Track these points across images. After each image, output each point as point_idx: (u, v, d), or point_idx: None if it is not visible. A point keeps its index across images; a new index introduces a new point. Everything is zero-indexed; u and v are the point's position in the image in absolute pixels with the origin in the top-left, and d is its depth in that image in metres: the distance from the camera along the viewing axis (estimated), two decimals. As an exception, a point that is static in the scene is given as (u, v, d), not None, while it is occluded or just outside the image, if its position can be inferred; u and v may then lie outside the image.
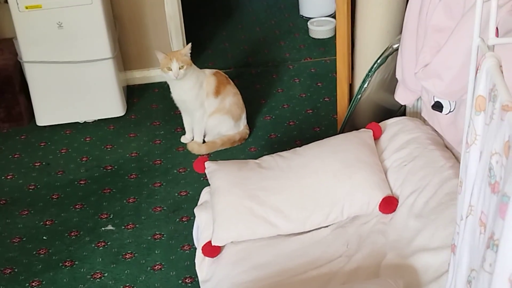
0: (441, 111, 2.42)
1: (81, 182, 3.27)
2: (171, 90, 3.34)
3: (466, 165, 1.03)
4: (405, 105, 2.92)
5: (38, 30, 3.49)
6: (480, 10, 0.98)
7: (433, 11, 2.25)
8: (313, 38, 4.66)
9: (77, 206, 3.09)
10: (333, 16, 4.80)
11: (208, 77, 3.36)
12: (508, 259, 0.85)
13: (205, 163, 2.48)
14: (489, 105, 0.94)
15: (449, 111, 2.39)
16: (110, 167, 3.37)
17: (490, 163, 0.92)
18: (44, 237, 2.90)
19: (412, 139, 2.50)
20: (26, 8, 3.42)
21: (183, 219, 2.95)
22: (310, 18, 4.82)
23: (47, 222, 2.99)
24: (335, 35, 4.49)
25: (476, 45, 0.95)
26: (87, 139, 3.64)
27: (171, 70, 3.12)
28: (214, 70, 3.44)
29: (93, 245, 2.83)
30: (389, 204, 2.28)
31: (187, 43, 3.24)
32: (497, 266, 0.87)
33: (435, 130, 2.55)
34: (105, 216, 3.01)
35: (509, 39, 0.97)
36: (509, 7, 1.92)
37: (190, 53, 3.20)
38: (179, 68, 3.12)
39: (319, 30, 4.65)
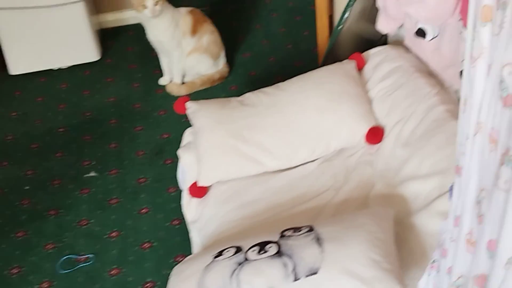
0: (424, 38, 2.37)
1: (60, 130, 3.20)
2: (146, 31, 3.24)
3: (471, 81, 0.98)
4: (386, 34, 2.86)
5: (3, -26, 3.35)
6: None
7: None
8: (289, -29, 4.53)
9: (57, 155, 3.03)
10: None
11: (183, 15, 3.26)
12: None
13: (186, 103, 2.42)
14: (498, 14, 0.88)
15: (433, 37, 2.34)
16: (88, 113, 3.30)
17: (502, 75, 0.87)
18: (26, 187, 2.85)
19: (396, 67, 2.45)
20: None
21: (167, 162, 2.91)
22: (285, -50, 4.67)
23: (28, 172, 2.94)
24: (311, -34, 4.43)
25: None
26: (63, 86, 3.55)
27: (146, 7, 3.01)
28: (190, 8, 3.34)
29: (77, 193, 2.79)
30: (375, 134, 2.25)
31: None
32: None
33: (419, 58, 2.50)
34: (87, 163, 2.96)
35: None
36: None
37: (163, -8, 3.09)
38: (155, 4, 3.01)
39: (294, -38, 4.51)
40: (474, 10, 0.98)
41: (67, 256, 2.50)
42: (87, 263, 2.46)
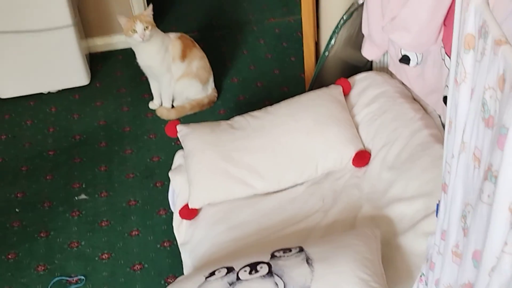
0: (408, 64, 2.45)
1: (50, 153, 3.23)
2: (136, 55, 3.29)
3: (455, 104, 1.06)
4: (371, 61, 2.95)
5: (-6, -1, 3.40)
6: None
7: (398, -36, 2.26)
8: (275, -2, 4.63)
9: (47, 177, 3.06)
10: (294, -25, 4.78)
11: (173, 40, 3.32)
12: (508, 188, 0.88)
13: (177, 126, 2.47)
14: (480, 42, 0.95)
15: (416, 64, 2.42)
16: (78, 137, 3.34)
17: (484, 98, 0.94)
18: (16, 210, 2.87)
19: (381, 93, 2.53)
20: (-20, -24, 3.32)
21: (157, 184, 2.95)
22: (271, -22, 4.77)
23: (18, 195, 2.96)
24: (297, -7, 4.53)
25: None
26: (53, 109, 3.59)
27: (136, 32, 3.07)
28: (179, 34, 3.40)
29: (67, 215, 2.82)
30: (362, 158, 2.32)
31: (150, 4, 3.18)
32: (496, 196, 0.91)
33: (403, 83, 2.59)
34: (77, 185, 2.99)
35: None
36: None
37: (152, 17, 3.15)
38: (144, 29, 3.07)
39: (280, -11, 4.61)
40: (458, 38, 1.06)
41: (58, 278, 2.52)
42: (78, 285, 2.49)
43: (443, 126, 2.31)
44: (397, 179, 2.14)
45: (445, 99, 2.14)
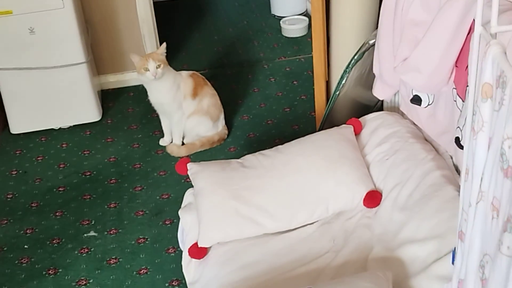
0: (420, 105, 2.45)
1: (60, 189, 3.23)
2: (148, 93, 3.31)
3: (473, 152, 1.05)
4: (382, 100, 2.95)
5: (9, 36, 3.44)
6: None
7: (409, 6, 2.28)
8: (286, 37, 4.67)
9: (57, 214, 3.05)
10: (304, 14, 4.83)
11: (185, 78, 3.34)
12: None
13: (188, 164, 2.47)
14: (498, 92, 0.95)
15: (428, 104, 2.42)
16: (88, 173, 3.34)
17: (502, 148, 0.93)
18: (25, 246, 2.86)
19: (393, 133, 2.52)
20: (-3, 14, 3.38)
21: (166, 222, 2.94)
22: (282, 17, 4.83)
23: (27, 231, 2.95)
24: (308, 33, 4.58)
25: (478, 33, 0.96)
26: (64, 145, 3.60)
27: (148, 70, 3.10)
28: (191, 72, 3.42)
29: (76, 252, 2.80)
30: (373, 198, 2.30)
31: (163, 43, 3.22)
32: None
33: (414, 124, 2.58)
34: (87, 222, 2.98)
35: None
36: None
37: (165, 55, 3.18)
38: (157, 67, 3.10)
39: (291, 28, 4.66)
40: (475, 86, 1.05)
41: (65, 316, 2.50)
42: (85, 324, 2.46)
43: (455, 167, 2.29)
44: (409, 220, 2.12)
45: (456, 140, 2.13)
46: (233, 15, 5.16)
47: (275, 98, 3.87)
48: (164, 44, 3.17)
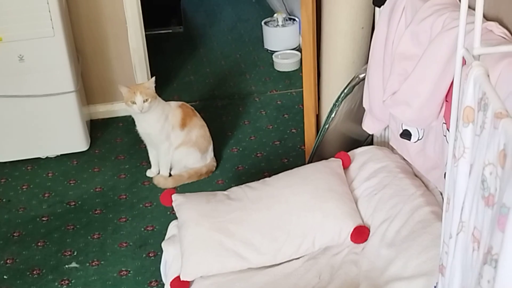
0: (409, 139, 2.42)
1: (44, 218, 3.17)
2: (136, 123, 3.28)
3: (454, 180, 1.01)
4: (372, 135, 2.92)
5: (-2, 64, 3.42)
6: (464, 20, 0.95)
7: (399, 39, 2.26)
8: (278, 71, 4.67)
9: (39, 244, 2.99)
10: (297, 49, 4.84)
11: (173, 109, 3.31)
12: (510, 274, 0.81)
13: (172, 195, 2.42)
14: (479, 115, 0.91)
15: (418, 139, 2.39)
16: (73, 203, 3.28)
17: (483, 175, 0.89)
18: (4, 276, 2.79)
19: (382, 167, 2.49)
20: (-14, 41, 3.35)
21: (150, 255, 2.87)
22: (275, 51, 4.84)
23: (7, 261, 2.88)
24: (300, 67, 4.58)
25: (460, 55, 0.93)
26: (50, 174, 3.55)
27: (135, 103, 3.07)
28: (180, 103, 3.40)
29: (56, 284, 2.73)
30: (360, 233, 2.25)
31: (151, 77, 3.20)
32: (497, 282, 0.84)
33: (404, 159, 2.55)
34: (69, 253, 2.91)
35: (495, 48, 0.95)
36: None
37: (156, 86, 3.15)
38: (144, 101, 3.07)
39: (284, 63, 4.66)
40: (457, 111, 1.02)
41: None
42: None
43: (445, 203, 2.25)
44: (397, 257, 2.07)
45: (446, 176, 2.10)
46: (226, 48, 5.17)
47: (265, 131, 3.84)
48: (153, 78, 3.15)
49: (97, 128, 3.98)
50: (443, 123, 2.15)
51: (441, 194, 2.32)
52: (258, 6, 6.05)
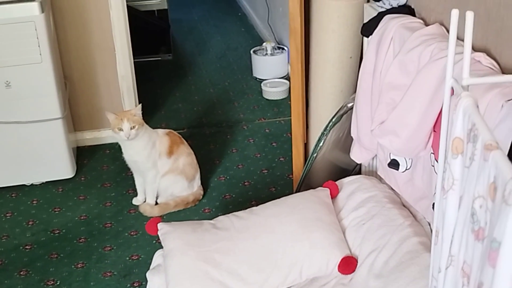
0: (397, 169, 2.41)
1: (27, 247, 3.11)
2: (122, 150, 3.25)
3: (443, 212, 0.98)
4: (360, 164, 2.91)
5: (-16, 90, 3.38)
6: (453, 50, 0.94)
7: (387, 69, 2.26)
8: (266, 99, 4.67)
9: (21, 273, 2.93)
10: (286, 77, 4.85)
11: (161, 137, 3.29)
12: None
13: (158, 224, 2.39)
14: (469, 147, 0.89)
15: (406, 169, 2.38)
16: (57, 231, 3.23)
17: (473, 208, 0.87)
18: (-16, 307, 2.73)
19: (369, 197, 2.47)
20: (-28, 67, 3.32)
21: (135, 284, 2.82)
22: (263, 79, 4.85)
23: (-12, 290, 2.83)
24: (288, 96, 4.58)
25: (449, 86, 0.92)
26: (34, 202, 3.50)
27: (122, 130, 3.05)
28: (167, 130, 3.38)
29: (37, 314, 2.67)
30: (348, 264, 2.22)
31: (139, 104, 3.18)
32: None
33: (392, 188, 2.53)
34: (52, 282, 2.86)
35: (485, 79, 0.95)
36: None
37: (143, 113, 3.13)
38: (131, 128, 3.05)
39: (272, 91, 4.67)
40: (445, 142, 1.00)
41: None
42: None
43: (433, 234, 2.23)
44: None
45: (434, 206, 2.08)
46: (214, 76, 5.17)
47: (253, 159, 3.82)
48: (140, 105, 3.13)
49: (83, 155, 3.95)
50: (431, 153, 2.14)
51: (429, 224, 2.30)
52: (247, 35, 6.08)
